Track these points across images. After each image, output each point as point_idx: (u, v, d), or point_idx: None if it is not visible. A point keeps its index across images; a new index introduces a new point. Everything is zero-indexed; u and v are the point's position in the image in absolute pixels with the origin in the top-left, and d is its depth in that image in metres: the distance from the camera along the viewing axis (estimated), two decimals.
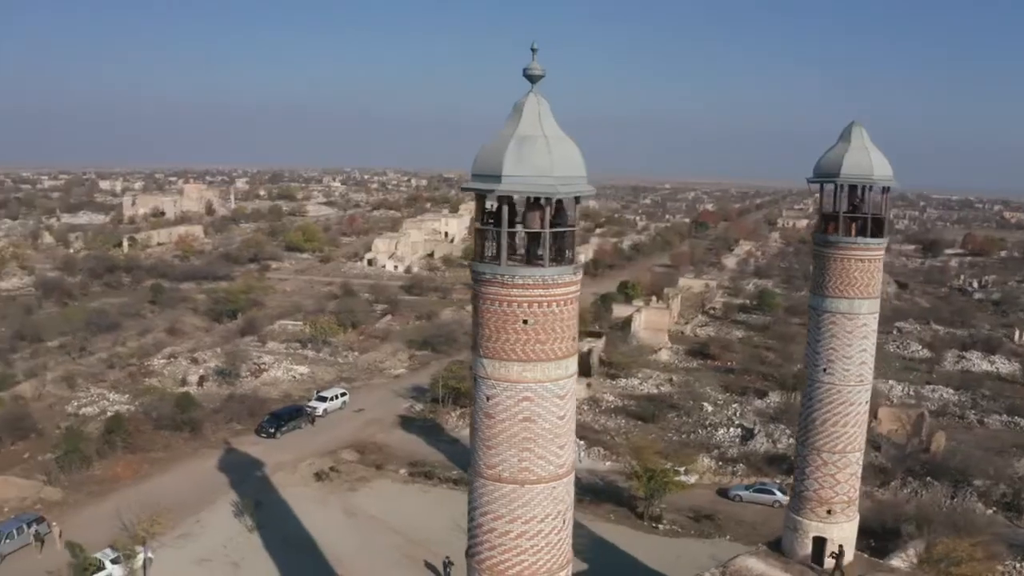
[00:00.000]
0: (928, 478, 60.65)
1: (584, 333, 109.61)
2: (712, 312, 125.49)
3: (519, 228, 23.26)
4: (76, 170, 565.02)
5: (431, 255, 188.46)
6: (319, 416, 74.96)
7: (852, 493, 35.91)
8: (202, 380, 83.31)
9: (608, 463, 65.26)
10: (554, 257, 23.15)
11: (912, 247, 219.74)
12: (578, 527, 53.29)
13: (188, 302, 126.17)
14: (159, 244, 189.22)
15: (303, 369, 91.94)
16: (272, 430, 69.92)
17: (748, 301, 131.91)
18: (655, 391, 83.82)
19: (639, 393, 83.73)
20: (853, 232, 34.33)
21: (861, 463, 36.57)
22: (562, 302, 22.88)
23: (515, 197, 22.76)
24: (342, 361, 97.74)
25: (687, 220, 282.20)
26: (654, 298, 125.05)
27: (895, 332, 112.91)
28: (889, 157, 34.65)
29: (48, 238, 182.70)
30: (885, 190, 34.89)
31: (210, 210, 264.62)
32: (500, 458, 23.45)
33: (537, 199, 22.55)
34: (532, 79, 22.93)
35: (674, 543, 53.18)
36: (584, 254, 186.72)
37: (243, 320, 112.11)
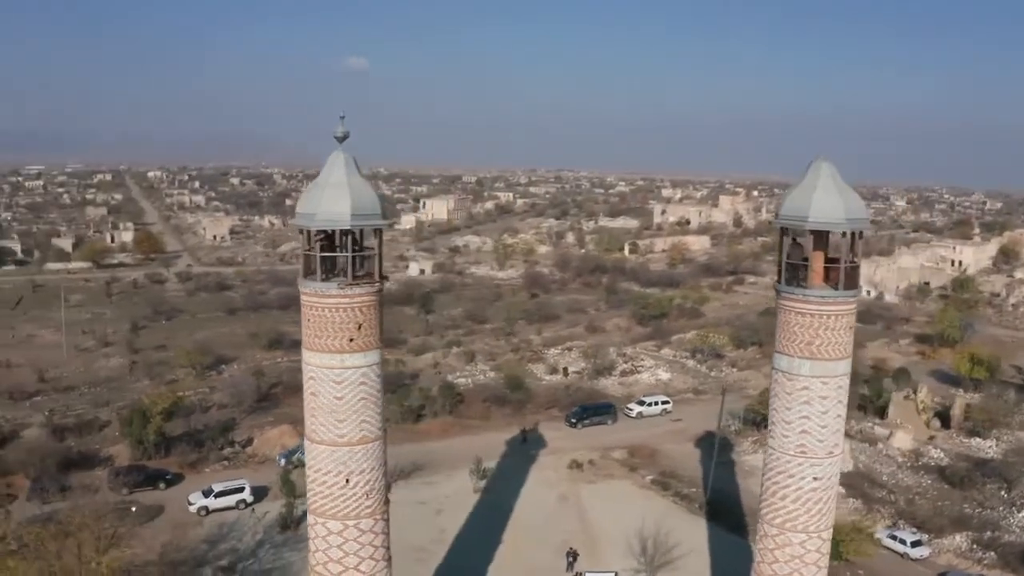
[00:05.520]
0: None
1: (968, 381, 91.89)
2: None
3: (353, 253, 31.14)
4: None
5: (927, 284, 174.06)
6: (632, 417, 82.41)
7: None
8: (566, 370, 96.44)
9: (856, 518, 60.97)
10: (356, 275, 30.56)
11: None
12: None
13: (634, 304, 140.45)
14: (663, 251, 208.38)
15: (665, 376, 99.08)
16: (574, 420, 79.71)
17: None
18: (999, 456, 72.19)
19: (978, 456, 73.09)
20: (817, 283, 31.99)
21: (815, 550, 32.71)
22: (333, 309, 30.19)
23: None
24: (713, 374, 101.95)
25: None
26: None
27: None
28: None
29: (570, 238, 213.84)
30: (856, 235, 31.60)
31: (737, 222, 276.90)
32: (305, 417, 31.84)
33: (323, 231, 30.33)
34: (339, 140, 30.60)
35: None
36: None
37: (655, 326, 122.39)
